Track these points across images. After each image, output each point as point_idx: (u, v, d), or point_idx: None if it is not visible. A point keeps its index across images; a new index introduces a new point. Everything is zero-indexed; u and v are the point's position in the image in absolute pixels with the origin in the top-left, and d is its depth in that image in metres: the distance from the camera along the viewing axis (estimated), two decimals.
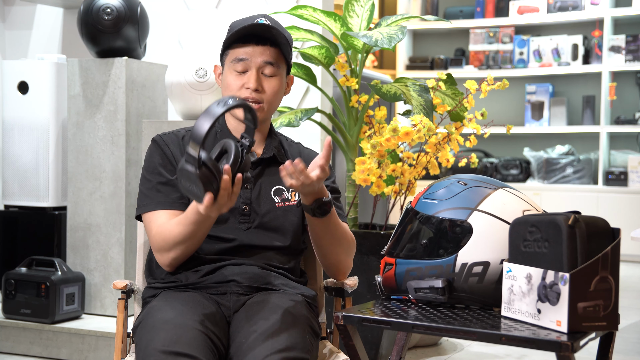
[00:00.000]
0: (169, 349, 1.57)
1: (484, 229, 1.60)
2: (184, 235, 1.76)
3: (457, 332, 1.48)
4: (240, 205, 1.87)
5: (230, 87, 1.88)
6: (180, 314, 1.67)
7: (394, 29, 2.75)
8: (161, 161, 1.88)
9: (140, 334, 1.69)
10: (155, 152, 1.90)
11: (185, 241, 1.77)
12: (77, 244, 3.39)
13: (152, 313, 1.72)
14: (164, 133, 1.93)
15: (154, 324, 1.66)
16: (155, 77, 3.45)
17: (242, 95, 1.86)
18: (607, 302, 1.45)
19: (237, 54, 1.87)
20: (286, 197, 1.92)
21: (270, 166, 1.93)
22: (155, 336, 1.61)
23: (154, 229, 1.82)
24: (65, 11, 4.03)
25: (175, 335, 1.60)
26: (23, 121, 3.54)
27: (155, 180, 1.86)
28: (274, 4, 3.50)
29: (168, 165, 1.87)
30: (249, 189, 1.88)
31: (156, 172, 1.87)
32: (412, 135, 2.61)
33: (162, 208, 1.83)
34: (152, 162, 1.89)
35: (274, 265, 1.86)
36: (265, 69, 1.87)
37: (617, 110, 6.56)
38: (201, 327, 1.65)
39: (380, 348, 2.96)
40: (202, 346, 1.61)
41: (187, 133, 1.93)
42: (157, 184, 1.86)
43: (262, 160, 1.92)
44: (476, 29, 6.95)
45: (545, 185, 6.43)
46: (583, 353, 1.55)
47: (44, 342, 3.21)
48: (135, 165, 3.33)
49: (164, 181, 1.86)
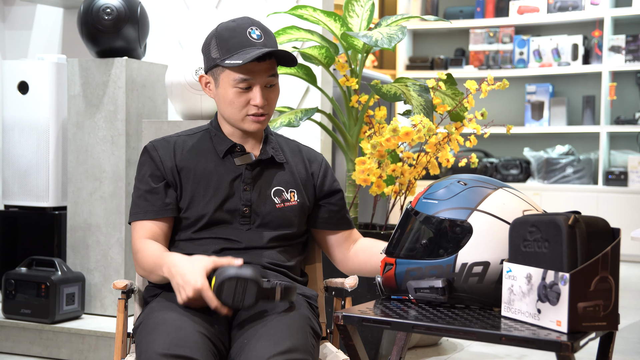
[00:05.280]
0: (169, 352, 1.57)
1: (484, 229, 1.60)
2: (150, 269, 1.81)
3: (457, 332, 1.48)
4: (241, 207, 1.87)
5: (234, 104, 1.86)
6: (181, 316, 1.68)
7: (394, 29, 2.75)
8: (149, 170, 1.89)
9: (141, 336, 1.69)
10: (145, 160, 1.92)
11: (150, 274, 1.83)
12: (77, 244, 3.39)
13: (153, 314, 1.72)
14: (156, 140, 1.95)
15: (155, 326, 1.66)
16: (155, 77, 3.45)
17: (250, 112, 1.86)
18: (607, 302, 1.45)
19: (239, 74, 1.83)
20: (286, 198, 1.92)
21: (269, 167, 1.93)
22: (156, 339, 1.61)
23: (136, 240, 1.87)
24: (65, 11, 4.03)
25: (176, 338, 1.60)
26: (23, 121, 3.54)
27: (143, 188, 1.89)
28: (274, 4, 3.50)
29: (156, 171, 1.89)
30: (249, 190, 1.88)
31: (144, 180, 1.89)
32: (412, 135, 2.61)
33: (148, 218, 1.86)
34: (142, 171, 1.91)
35: (275, 264, 1.86)
36: (269, 82, 1.87)
37: (617, 110, 6.56)
38: (202, 328, 1.65)
39: (380, 348, 2.96)
40: (203, 348, 1.61)
41: (179, 138, 1.94)
42: (144, 192, 1.88)
43: (260, 162, 1.92)
44: (476, 29, 6.95)
45: (545, 185, 6.43)
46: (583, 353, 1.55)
47: (44, 342, 3.21)
48: (135, 165, 3.33)
49: (149, 189, 1.87)
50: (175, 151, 1.91)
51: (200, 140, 1.94)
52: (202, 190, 1.87)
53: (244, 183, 1.89)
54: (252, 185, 1.89)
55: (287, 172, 1.94)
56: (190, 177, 1.88)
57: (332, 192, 1.99)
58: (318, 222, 1.99)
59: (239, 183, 1.88)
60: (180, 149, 1.91)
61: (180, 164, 1.89)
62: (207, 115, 3.07)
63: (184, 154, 1.91)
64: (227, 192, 1.87)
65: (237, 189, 1.88)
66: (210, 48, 1.87)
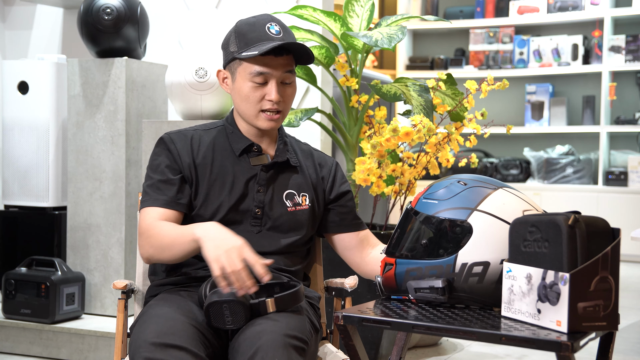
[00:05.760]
0: (158, 341, 1.57)
1: (484, 229, 1.60)
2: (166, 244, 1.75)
3: (457, 332, 1.48)
4: (253, 209, 1.86)
5: (249, 99, 1.85)
6: (174, 310, 1.68)
7: (394, 29, 2.75)
8: (167, 160, 1.86)
9: (134, 329, 1.70)
10: (162, 151, 1.88)
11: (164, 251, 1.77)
12: (77, 244, 3.39)
13: (148, 310, 1.73)
14: (172, 132, 1.91)
15: (147, 319, 1.67)
16: (155, 77, 3.45)
17: (264, 108, 1.84)
18: (607, 302, 1.45)
19: (256, 66, 1.82)
20: (297, 202, 1.91)
21: (283, 170, 1.92)
22: (146, 329, 1.62)
23: (146, 221, 1.81)
24: (65, 11, 4.03)
25: (166, 327, 1.61)
26: (23, 121, 3.54)
27: (157, 177, 1.85)
28: (274, 4, 3.50)
29: (173, 164, 1.86)
30: (262, 192, 1.87)
31: (159, 170, 1.86)
32: (412, 135, 2.61)
33: (158, 205, 1.83)
34: (157, 160, 1.88)
35: (278, 269, 1.86)
36: (285, 79, 1.85)
37: (617, 110, 6.56)
38: (194, 322, 1.66)
39: (380, 348, 2.96)
40: (192, 338, 1.61)
41: (195, 133, 1.91)
42: (157, 182, 1.85)
43: (276, 164, 1.91)
44: (476, 29, 6.95)
45: (545, 185, 6.43)
46: (583, 353, 1.55)
47: (44, 342, 3.21)
48: (135, 165, 3.33)
49: (164, 179, 1.85)
50: (193, 146, 1.88)
51: (216, 137, 1.91)
52: (218, 189, 1.85)
53: (258, 184, 1.87)
54: (266, 187, 1.88)
55: (300, 175, 1.93)
56: (207, 175, 1.86)
57: (341, 194, 1.99)
58: (329, 226, 1.98)
59: (253, 184, 1.87)
60: (197, 144, 1.89)
61: (198, 160, 1.87)
62: (207, 115, 3.07)
63: (201, 150, 1.88)
64: (241, 192, 1.86)
65: (251, 190, 1.87)
66: (229, 43, 1.87)
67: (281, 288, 1.72)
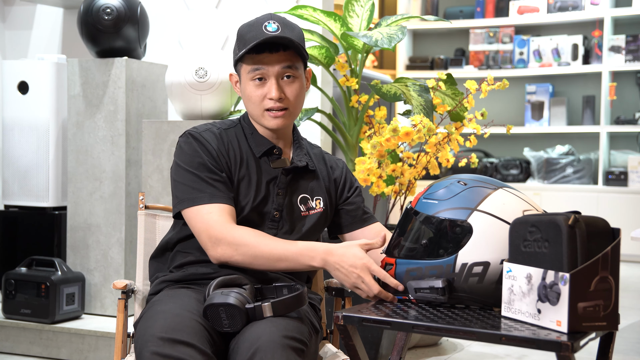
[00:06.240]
0: (167, 336, 1.57)
1: (484, 229, 1.60)
2: (272, 257, 1.76)
3: (457, 332, 1.48)
4: (272, 211, 1.86)
5: (252, 99, 1.85)
6: (180, 306, 1.69)
7: (394, 29, 2.75)
8: (205, 157, 1.82)
9: (139, 325, 1.70)
10: (198, 148, 1.84)
11: (256, 259, 1.76)
12: (77, 244, 3.39)
13: (153, 307, 1.73)
14: (200, 130, 1.88)
15: (153, 314, 1.67)
16: (155, 77, 3.45)
17: (267, 107, 1.83)
18: (607, 302, 1.45)
19: (252, 63, 1.82)
20: (311, 206, 1.91)
21: (301, 174, 1.92)
22: (154, 323, 1.62)
23: (220, 226, 1.76)
24: (65, 11, 4.03)
25: (174, 322, 1.61)
26: (23, 121, 3.54)
27: (204, 175, 1.81)
28: (274, 4, 3.50)
29: (213, 161, 1.83)
30: (281, 195, 1.87)
31: (206, 168, 1.81)
32: (412, 135, 2.61)
33: (217, 202, 1.79)
34: (197, 157, 1.83)
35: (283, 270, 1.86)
36: (284, 75, 1.84)
37: (617, 110, 6.56)
38: (199, 319, 1.66)
39: (380, 348, 2.96)
40: (199, 335, 1.61)
41: (219, 130, 1.88)
42: (210, 180, 1.81)
43: (295, 168, 1.90)
44: (476, 29, 6.95)
45: (545, 185, 6.43)
46: (583, 353, 1.55)
47: (44, 342, 3.21)
48: (135, 165, 3.33)
49: (217, 178, 1.81)
50: (224, 143, 1.86)
51: (237, 137, 1.90)
52: (245, 189, 1.85)
53: (278, 187, 1.87)
54: (285, 191, 1.88)
55: (315, 179, 1.94)
56: (237, 173, 1.85)
57: (352, 192, 1.99)
58: (343, 227, 1.98)
59: (273, 187, 1.87)
60: (227, 142, 1.87)
61: (230, 158, 1.85)
62: (207, 115, 3.07)
63: (230, 148, 1.87)
64: (264, 194, 1.86)
65: (271, 192, 1.87)
66: (235, 46, 1.88)
67: (289, 291, 1.74)
